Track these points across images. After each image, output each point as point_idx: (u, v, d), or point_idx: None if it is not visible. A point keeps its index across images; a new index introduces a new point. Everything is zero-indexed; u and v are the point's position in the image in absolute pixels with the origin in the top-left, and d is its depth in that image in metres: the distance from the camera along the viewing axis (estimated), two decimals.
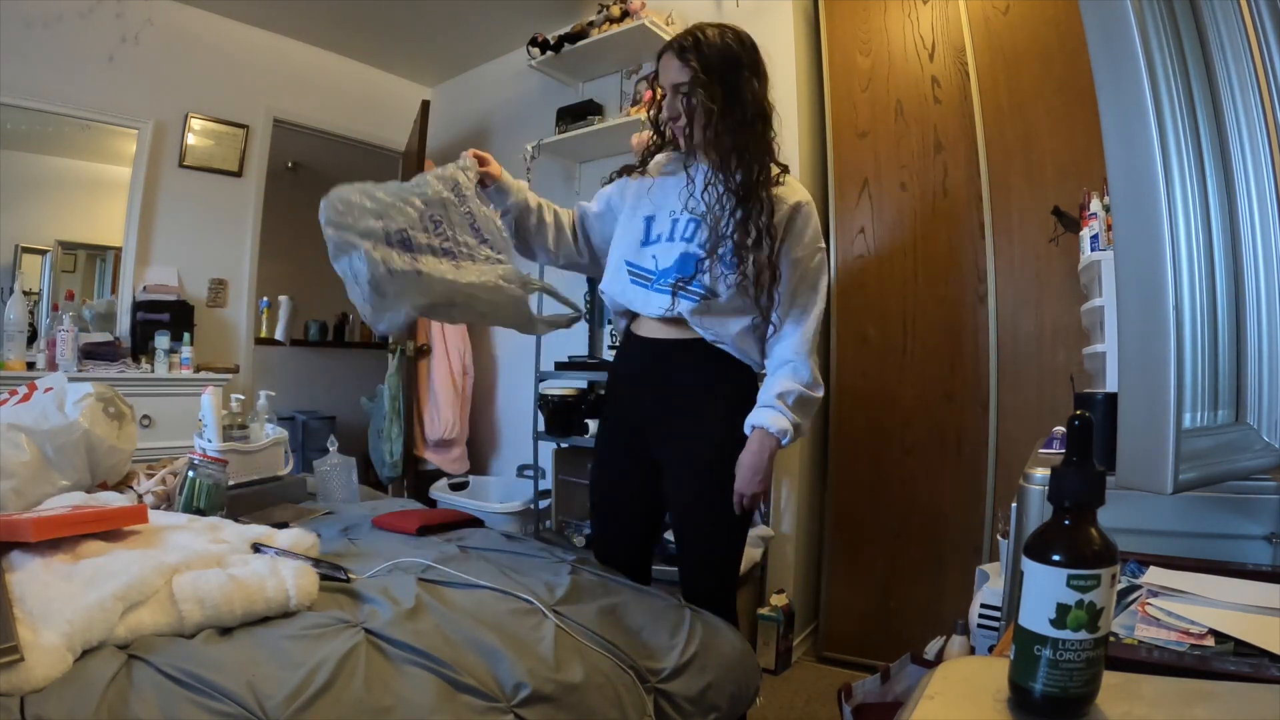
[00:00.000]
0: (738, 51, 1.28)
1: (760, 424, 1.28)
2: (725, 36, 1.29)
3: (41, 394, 1.46)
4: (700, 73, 1.26)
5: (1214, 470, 0.74)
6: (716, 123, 1.26)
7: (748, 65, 1.29)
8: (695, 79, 1.26)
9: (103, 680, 0.72)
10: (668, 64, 1.30)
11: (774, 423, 1.27)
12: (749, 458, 1.28)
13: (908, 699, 0.51)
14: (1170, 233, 0.67)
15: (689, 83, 1.27)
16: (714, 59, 1.26)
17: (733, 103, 1.27)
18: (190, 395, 2.73)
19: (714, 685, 1.08)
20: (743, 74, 1.28)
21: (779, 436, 1.28)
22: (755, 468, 1.28)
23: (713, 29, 1.29)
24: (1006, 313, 2.19)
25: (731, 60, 1.28)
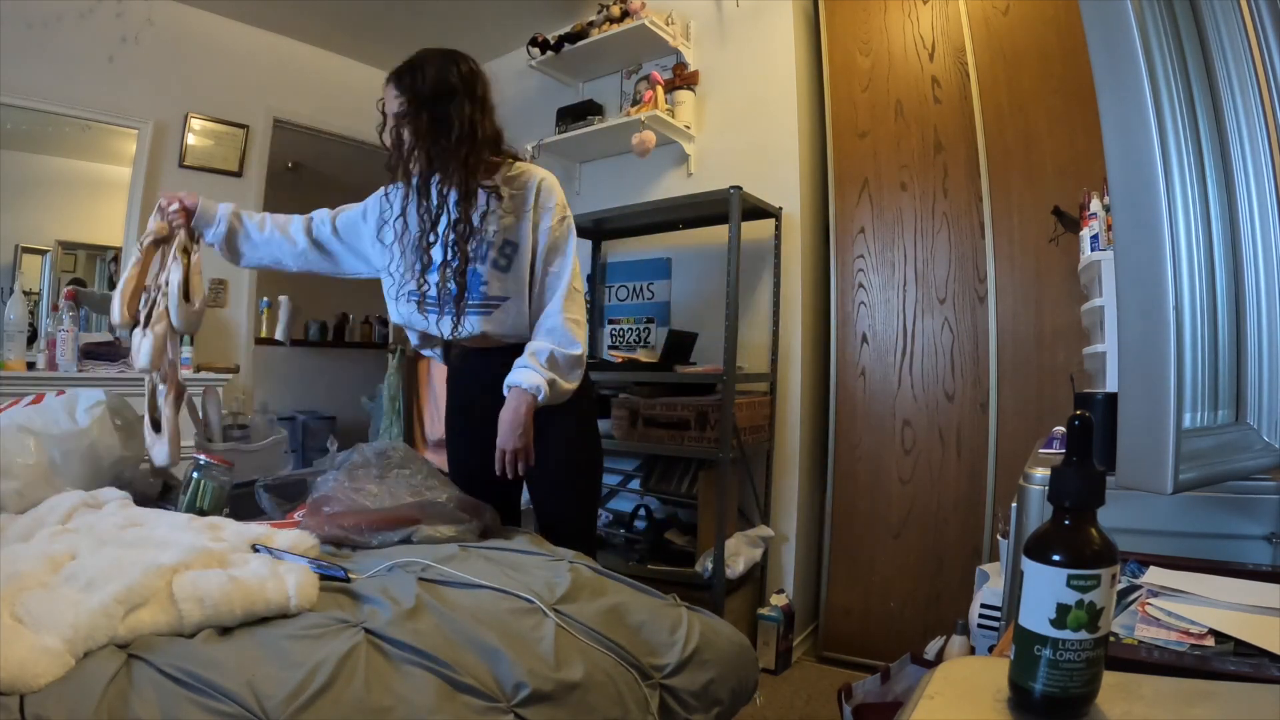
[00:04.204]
0: (453, 82, 1.38)
1: (515, 383, 1.39)
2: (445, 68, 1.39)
3: (53, 398, 1.47)
4: (412, 107, 1.37)
5: (1214, 470, 0.74)
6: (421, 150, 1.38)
7: (462, 91, 1.39)
8: (404, 113, 1.38)
9: (103, 680, 0.72)
10: (386, 91, 1.41)
11: (527, 380, 1.38)
12: (508, 414, 1.39)
13: (908, 699, 0.51)
14: (1170, 233, 0.67)
15: (398, 115, 1.38)
16: (427, 91, 1.37)
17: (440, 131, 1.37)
18: (191, 395, 2.72)
19: (716, 680, 1.08)
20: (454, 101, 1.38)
21: (533, 393, 1.38)
22: (514, 424, 1.38)
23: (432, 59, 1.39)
24: (1006, 313, 2.19)
25: (445, 90, 1.38)
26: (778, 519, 2.51)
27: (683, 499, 2.51)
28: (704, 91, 2.76)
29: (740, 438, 2.25)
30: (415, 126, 1.37)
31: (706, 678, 1.07)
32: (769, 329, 2.52)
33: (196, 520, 1.18)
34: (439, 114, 1.37)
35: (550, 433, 1.48)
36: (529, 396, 1.38)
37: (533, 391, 1.37)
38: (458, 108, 1.37)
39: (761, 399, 2.46)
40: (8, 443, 1.30)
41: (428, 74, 1.37)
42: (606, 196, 2.97)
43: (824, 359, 2.56)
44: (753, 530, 2.44)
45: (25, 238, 2.88)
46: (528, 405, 1.38)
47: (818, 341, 2.60)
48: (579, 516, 1.57)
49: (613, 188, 3.02)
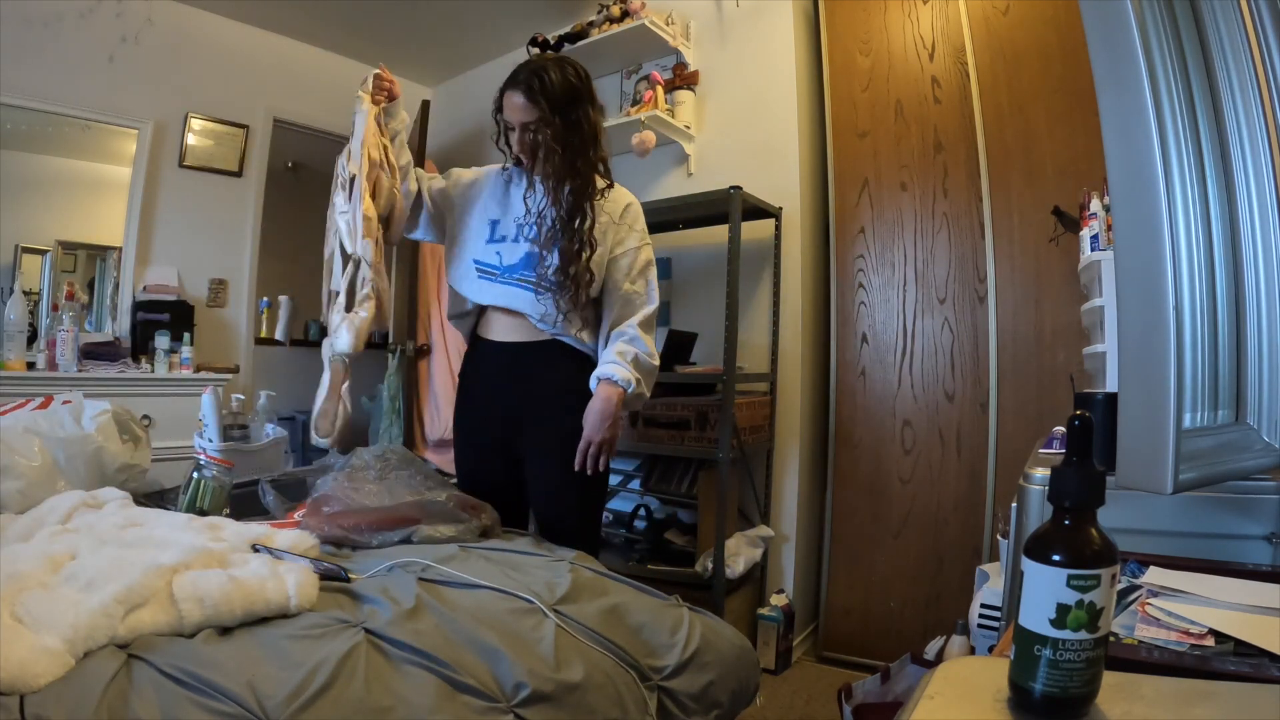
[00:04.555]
0: (578, 86, 1.45)
1: (605, 375, 1.44)
2: (566, 73, 1.44)
3: (59, 405, 1.48)
4: (548, 113, 1.41)
5: (1214, 470, 0.74)
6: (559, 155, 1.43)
7: (585, 95, 1.47)
8: (542, 119, 1.42)
9: (103, 680, 0.72)
10: (514, 102, 1.43)
11: (618, 373, 1.43)
12: (598, 404, 1.43)
13: (908, 699, 0.51)
14: (1170, 233, 0.67)
15: (537, 122, 1.42)
16: (559, 97, 1.42)
17: (573, 132, 1.44)
18: (190, 395, 2.73)
19: (715, 682, 1.08)
20: (582, 105, 1.45)
21: (624, 386, 1.43)
22: (604, 414, 1.43)
23: (553, 66, 1.44)
24: (1006, 313, 2.19)
25: (574, 95, 1.44)
26: (778, 519, 2.51)
27: (683, 499, 2.51)
28: (704, 91, 2.76)
29: (740, 438, 2.25)
30: (553, 132, 1.41)
31: (706, 680, 1.07)
32: (769, 329, 2.52)
33: (196, 520, 1.18)
34: (571, 119, 1.43)
35: (557, 434, 1.50)
36: (619, 390, 1.44)
37: (623, 385, 1.44)
38: (584, 111, 1.46)
39: (761, 399, 2.45)
40: (13, 443, 1.30)
41: (555, 80, 1.41)
42: None
43: (824, 359, 2.56)
44: (753, 530, 2.44)
45: (25, 238, 2.88)
46: (618, 397, 1.44)
47: (818, 341, 2.60)
48: (584, 517, 1.57)
49: None
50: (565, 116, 1.43)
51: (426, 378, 3.40)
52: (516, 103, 1.43)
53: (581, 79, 1.46)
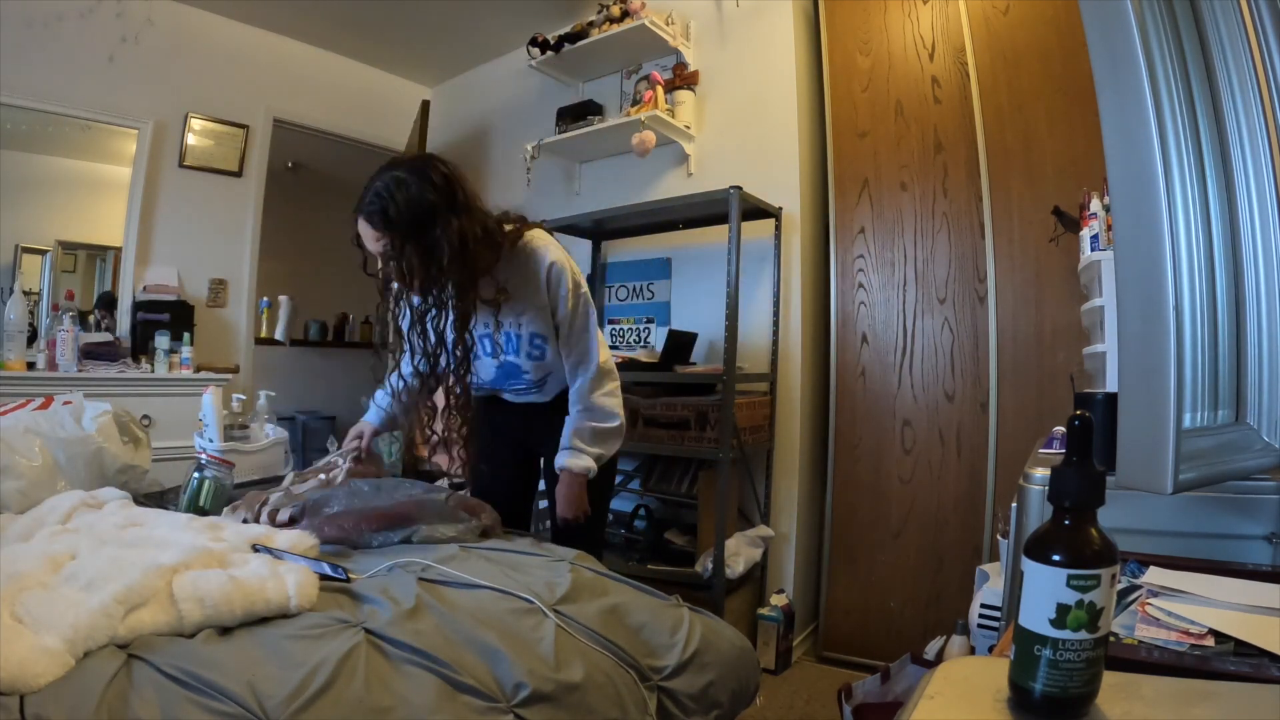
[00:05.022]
0: (432, 200, 1.26)
1: (563, 466, 1.49)
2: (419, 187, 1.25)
3: (60, 405, 1.48)
4: (397, 242, 1.26)
5: (1214, 470, 0.74)
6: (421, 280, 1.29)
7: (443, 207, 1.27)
8: (390, 249, 1.27)
9: (103, 680, 0.72)
10: (363, 230, 1.29)
11: (575, 463, 1.49)
12: (563, 490, 1.50)
13: (908, 699, 0.51)
14: (1170, 233, 0.67)
15: (386, 252, 1.28)
16: (406, 221, 1.25)
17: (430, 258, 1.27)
18: (190, 395, 2.73)
19: (715, 683, 1.08)
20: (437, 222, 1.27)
21: (584, 473, 1.49)
22: (570, 499, 1.50)
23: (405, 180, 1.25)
24: (1006, 313, 2.19)
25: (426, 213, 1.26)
26: (778, 519, 2.51)
27: (683, 499, 2.51)
28: (704, 91, 2.76)
29: (740, 438, 2.25)
30: (404, 263, 1.27)
31: (706, 680, 1.07)
32: (769, 329, 2.52)
33: (196, 520, 1.18)
34: (426, 243, 1.27)
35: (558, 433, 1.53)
36: (581, 478, 1.50)
37: (583, 474, 1.49)
38: (444, 228, 1.27)
39: (761, 399, 2.45)
40: (13, 443, 1.30)
41: (400, 201, 1.24)
42: (606, 196, 2.97)
43: (824, 359, 2.56)
44: (753, 530, 2.44)
45: (25, 238, 2.88)
46: (580, 484, 1.50)
47: (818, 341, 2.60)
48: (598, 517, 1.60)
49: (613, 188, 3.02)
50: (418, 240, 1.26)
51: None
52: (364, 231, 1.29)
53: (437, 187, 1.27)
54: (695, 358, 2.56)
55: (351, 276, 4.58)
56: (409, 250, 1.26)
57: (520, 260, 1.41)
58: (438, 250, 1.27)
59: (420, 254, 1.27)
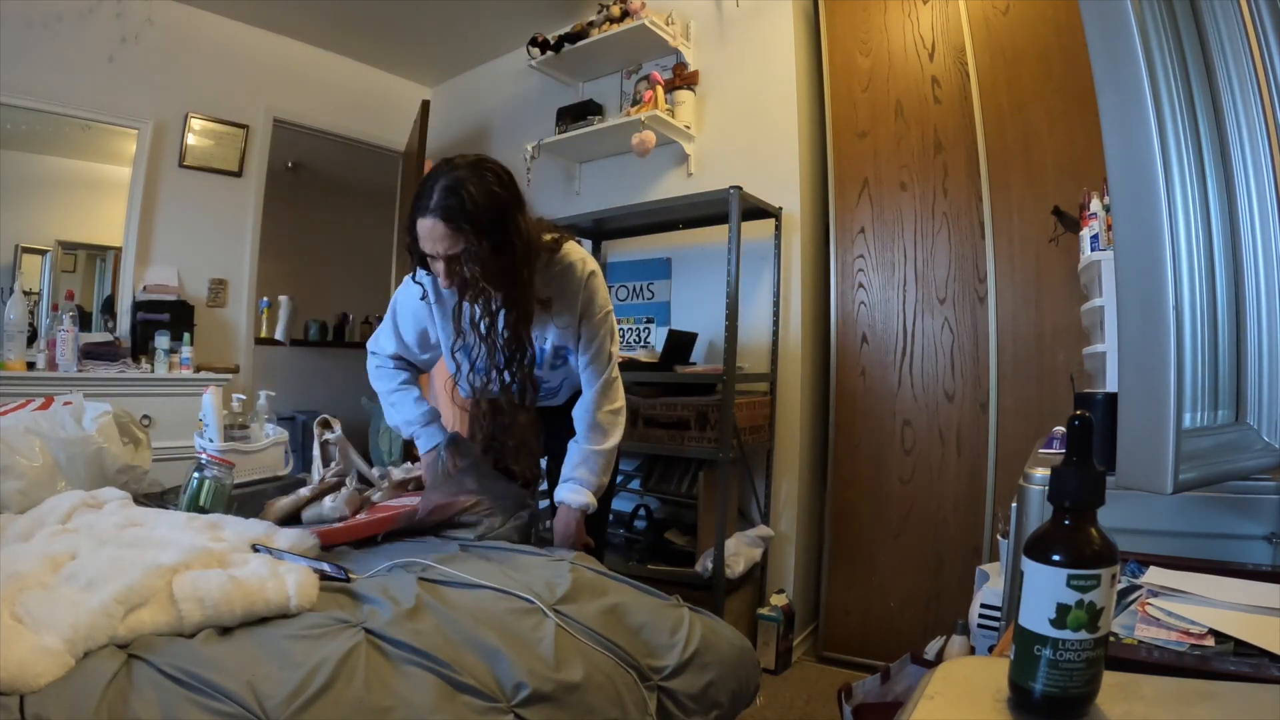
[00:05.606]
0: (503, 196, 1.24)
1: (564, 500, 1.49)
2: (487, 182, 1.22)
3: (60, 405, 1.47)
4: (474, 240, 1.21)
5: (1214, 470, 0.74)
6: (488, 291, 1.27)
7: (512, 204, 1.26)
8: (468, 250, 1.22)
9: (103, 680, 0.72)
10: (434, 231, 1.21)
11: (573, 499, 1.48)
12: (560, 526, 1.50)
13: (908, 699, 0.51)
14: (1170, 233, 0.67)
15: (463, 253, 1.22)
16: (484, 217, 1.21)
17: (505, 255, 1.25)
18: (190, 395, 2.73)
19: (715, 683, 1.08)
20: (510, 218, 1.25)
21: (580, 510, 1.49)
22: (566, 534, 1.49)
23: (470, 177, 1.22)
24: (1006, 313, 2.19)
25: (500, 209, 1.23)
26: (778, 519, 2.51)
27: (683, 499, 2.51)
28: (704, 91, 2.76)
29: (740, 438, 2.25)
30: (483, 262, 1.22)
31: (706, 680, 1.07)
32: (769, 329, 2.52)
33: (196, 520, 1.18)
34: (500, 239, 1.23)
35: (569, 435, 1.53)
36: (576, 512, 1.49)
37: (580, 509, 1.49)
38: (514, 225, 1.25)
39: (761, 399, 2.45)
40: (13, 443, 1.30)
41: (475, 196, 1.20)
42: (606, 196, 2.97)
43: (824, 359, 2.56)
44: (753, 530, 2.44)
45: (25, 238, 2.88)
46: (576, 519, 1.50)
47: (818, 341, 2.60)
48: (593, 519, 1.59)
49: (613, 188, 3.02)
50: (494, 239, 1.22)
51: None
52: (435, 231, 1.21)
53: (504, 183, 1.25)
54: (695, 358, 2.56)
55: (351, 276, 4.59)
56: (484, 247, 1.21)
57: (558, 272, 1.40)
58: (510, 248, 1.25)
59: (494, 251, 1.23)
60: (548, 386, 1.55)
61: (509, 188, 1.27)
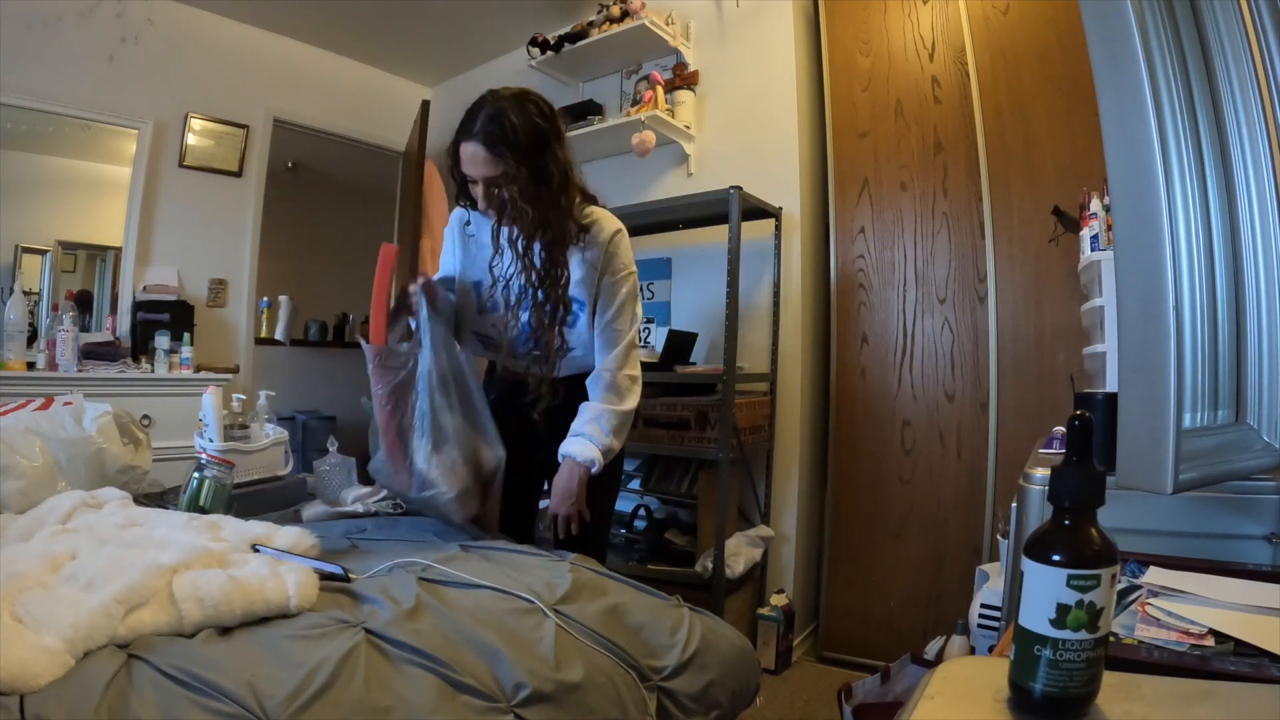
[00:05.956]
0: (544, 127, 1.30)
1: (569, 453, 1.39)
2: (529, 113, 1.28)
3: (60, 406, 1.47)
4: (513, 165, 1.26)
5: (1214, 470, 0.74)
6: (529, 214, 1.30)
7: (553, 135, 1.32)
8: (507, 174, 1.27)
9: (103, 680, 0.72)
10: (475, 155, 1.27)
11: (582, 452, 1.38)
12: (560, 482, 1.40)
13: (908, 699, 0.51)
14: (1170, 233, 0.67)
15: (501, 177, 1.27)
16: (524, 144, 1.27)
17: (542, 182, 1.30)
18: (190, 395, 2.73)
19: (715, 683, 1.08)
20: (550, 148, 1.30)
21: (587, 465, 1.39)
22: (565, 492, 1.39)
23: (513, 107, 1.27)
24: (1006, 313, 2.19)
25: (540, 138, 1.29)
26: (778, 519, 2.51)
27: (683, 499, 2.51)
28: (704, 91, 2.76)
29: (740, 438, 2.25)
30: (521, 186, 1.27)
31: (706, 680, 1.07)
32: (769, 329, 2.52)
33: (196, 520, 1.18)
34: (539, 166, 1.29)
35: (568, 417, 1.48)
36: (582, 468, 1.39)
37: (586, 464, 1.39)
38: (553, 154, 1.31)
39: (761, 399, 2.45)
40: (14, 443, 1.30)
41: (517, 125, 1.26)
42: (606, 196, 2.93)
43: (824, 359, 2.56)
44: (753, 530, 2.44)
45: (25, 238, 2.88)
46: (580, 476, 1.39)
47: (818, 341, 2.60)
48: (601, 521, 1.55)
49: (613, 188, 3.01)
50: (533, 165, 1.28)
51: None
52: (476, 156, 1.27)
53: (546, 115, 1.32)
54: (695, 358, 2.56)
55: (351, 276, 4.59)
56: (524, 174, 1.26)
57: (588, 225, 1.41)
58: (549, 175, 1.29)
59: (534, 178, 1.28)
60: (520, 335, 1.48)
61: (549, 119, 1.32)
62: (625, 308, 1.45)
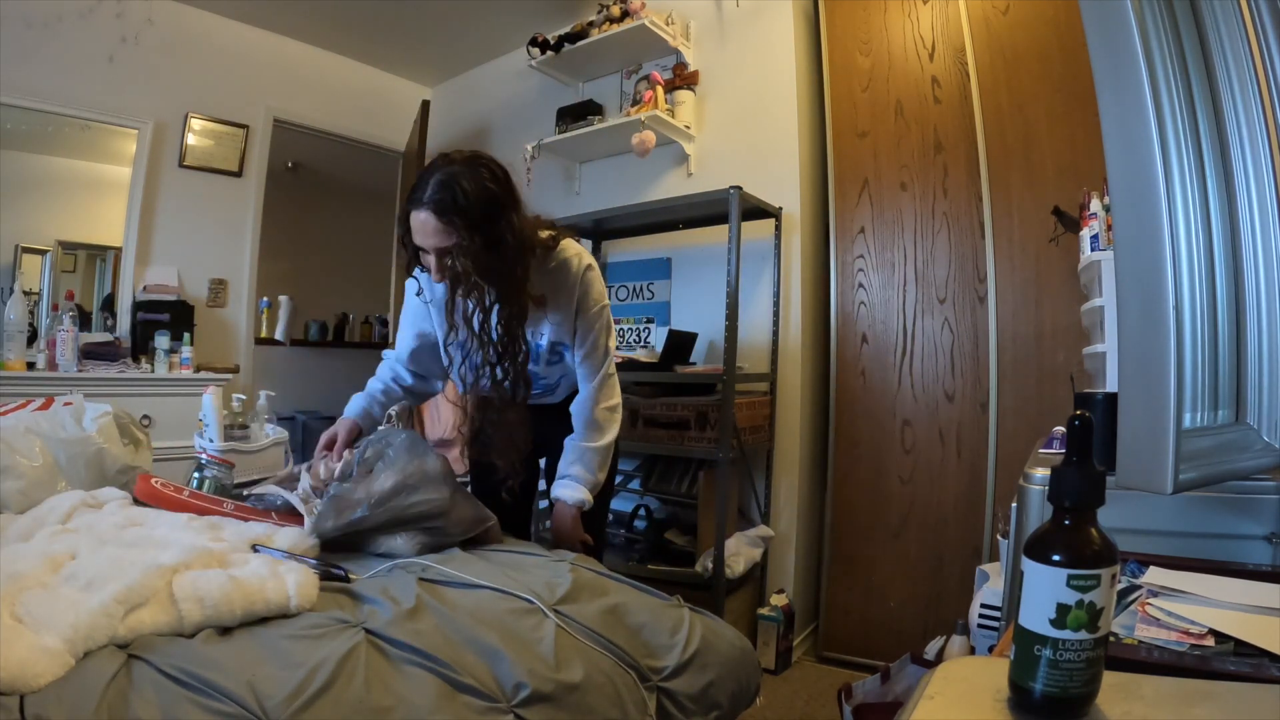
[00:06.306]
0: (497, 192, 1.24)
1: (560, 498, 1.49)
2: (481, 178, 1.23)
3: (60, 406, 1.47)
4: (465, 235, 1.21)
5: (1214, 470, 0.74)
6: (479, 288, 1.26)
7: (506, 200, 1.26)
8: (459, 244, 1.22)
9: (103, 680, 0.72)
10: (425, 224, 1.22)
11: (571, 496, 1.47)
12: (558, 525, 1.49)
13: (908, 699, 0.51)
14: (1170, 233, 0.67)
15: (454, 247, 1.22)
16: (476, 211, 1.21)
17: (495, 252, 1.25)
18: (190, 395, 2.73)
19: (715, 683, 1.08)
20: (504, 214, 1.25)
21: (576, 507, 1.48)
22: (562, 532, 1.48)
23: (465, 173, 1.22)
24: (1006, 313, 2.19)
25: (493, 205, 1.23)
26: (778, 519, 2.51)
27: (683, 499, 2.51)
28: (704, 91, 2.76)
29: (740, 438, 2.25)
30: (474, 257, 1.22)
31: (705, 681, 1.07)
32: (769, 329, 2.52)
33: (196, 520, 1.18)
34: (492, 234, 1.23)
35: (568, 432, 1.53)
36: (574, 509, 1.48)
37: (576, 506, 1.48)
38: (507, 222, 1.25)
39: (761, 399, 2.45)
40: (14, 443, 1.30)
41: (468, 190, 1.21)
42: (606, 196, 2.97)
43: (824, 359, 2.56)
44: (753, 530, 2.44)
45: (25, 238, 2.89)
46: (574, 515, 1.49)
47: (818, 341, 2.60)
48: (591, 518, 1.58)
49: (613, 188, 3.02)
50: (485, 233, 1.22)
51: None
52: (427, 225, 1.22)
53: (499, 179, 1.26)
54: (695, 358, 2.56)
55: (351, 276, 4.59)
56: (476, 242, 1.22)
57: (553, 268, 1.40)
58: (502, 244, 1.25)
59: (486, 246, 1.23)
60: (545, 383, 1.54)
61: (503, 184, 1.27)
62: (599, 342, 1.47)
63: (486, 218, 1.23)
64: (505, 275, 1.27)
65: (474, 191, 1.21)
